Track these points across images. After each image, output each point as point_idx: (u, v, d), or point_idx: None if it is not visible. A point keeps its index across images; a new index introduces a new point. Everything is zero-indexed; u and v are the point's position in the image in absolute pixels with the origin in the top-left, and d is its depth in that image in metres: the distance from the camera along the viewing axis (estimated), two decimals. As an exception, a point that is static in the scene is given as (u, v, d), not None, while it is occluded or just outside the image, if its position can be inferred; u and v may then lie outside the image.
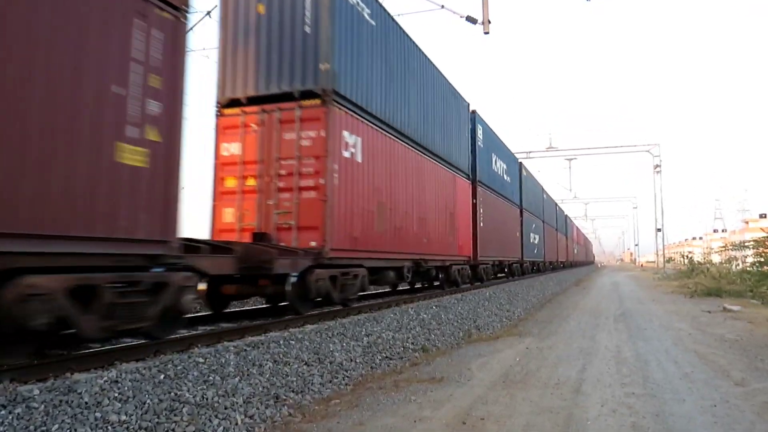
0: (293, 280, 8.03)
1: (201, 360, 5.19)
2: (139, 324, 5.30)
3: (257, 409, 4.83)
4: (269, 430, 4.57)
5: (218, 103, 9.40)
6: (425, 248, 12.98)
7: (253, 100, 9.21)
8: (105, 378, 4.29)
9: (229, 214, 9.17)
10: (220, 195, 9.29)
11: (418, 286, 15.76)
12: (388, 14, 11.40)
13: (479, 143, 18.78)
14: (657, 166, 42.76)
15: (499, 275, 22.48)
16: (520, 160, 28.27)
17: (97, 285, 4.78)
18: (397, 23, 11.85)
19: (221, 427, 4.34)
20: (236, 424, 4.49)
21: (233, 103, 9.29)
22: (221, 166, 9.31)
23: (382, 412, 5.12)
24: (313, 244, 8.62)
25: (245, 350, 5.78)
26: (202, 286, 7.65)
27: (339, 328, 7.66)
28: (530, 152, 43.47)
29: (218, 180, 9.33)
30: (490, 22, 15.47)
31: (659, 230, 44.36)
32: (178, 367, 4.89)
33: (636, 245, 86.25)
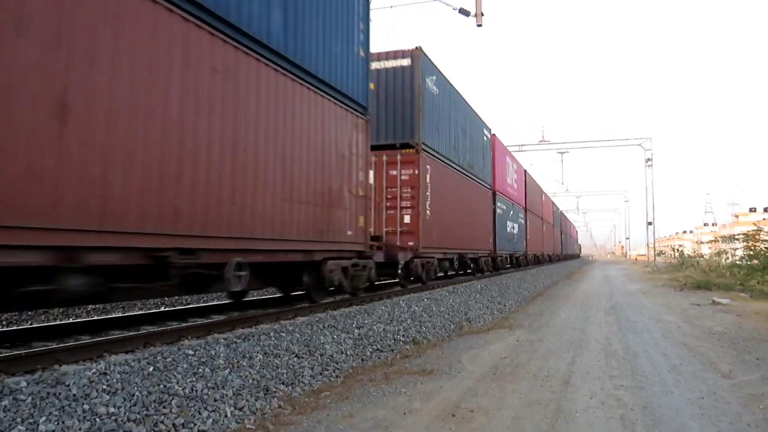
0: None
1: (191, 352, 5.18)
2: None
3: (247, 401, 4.82)
4: (259, 422, 4.56)
5: None
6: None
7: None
8: (93, 370, 4.27)
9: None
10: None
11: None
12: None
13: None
14: (648, 159, 43.01)
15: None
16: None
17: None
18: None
19: (210, 420, 4.34)
20: (226, 416, 4.49)
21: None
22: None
23: (372, 404, 5.13)
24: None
25: (235, 342, 5.78)
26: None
27: (330, 320, 7.66)
28: (523, 145, 43.70)
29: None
30: (483, 14, 15.46)
31: (650, 224, 44.68)
32: (168, 359, 4.88)
33: (627, 238, 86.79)
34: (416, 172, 12.94)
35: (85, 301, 7.10)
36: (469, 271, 20.28)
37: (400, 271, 12.71)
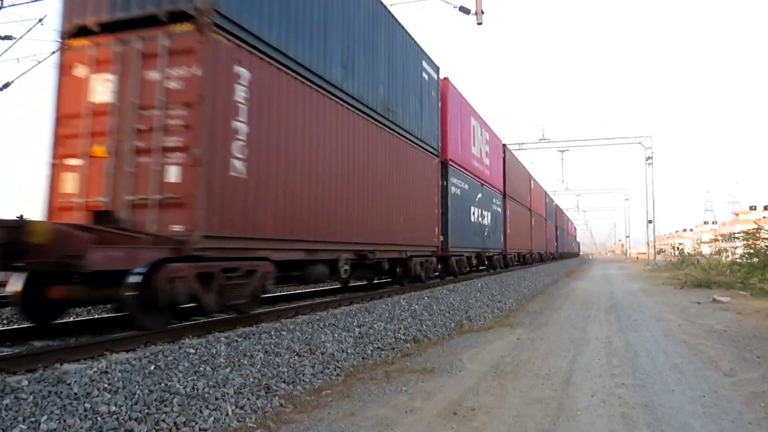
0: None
1: (192, 351, 5.17)
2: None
3: (248, 399, 4.82)
4: (260, 421, 4.56)
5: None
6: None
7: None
8: (95, 369, 4.27)
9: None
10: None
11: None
12: None
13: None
14: (649, 158, 42.96)
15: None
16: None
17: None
18: None
19: (212, 418, 4.34)
20: (227, 414, 4.49)
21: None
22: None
23: (373, 402, 5.13)
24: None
25: (236, 341, 5.77)
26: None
27: (331, 318, 7.66)
28: (523, 143, 43.56)
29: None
30: (483, 12, 15.42)
31: (650, 222, 44.63)
32: (169, 358, 4.88)
33: (627, 237, 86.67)
34: (199, 74, 6.07)
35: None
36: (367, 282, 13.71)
37: None
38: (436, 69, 14.45)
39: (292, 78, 7.58)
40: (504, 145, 24.92)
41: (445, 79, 15.47)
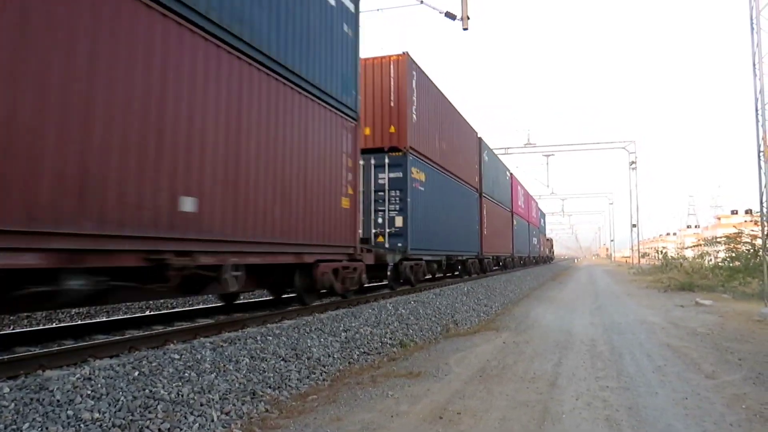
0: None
1: (176, 356, 5.14)
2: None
3: (233, 405, 4.79)
4: (246, 427, 4.54)
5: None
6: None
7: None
8: (78, 375, 4.22)
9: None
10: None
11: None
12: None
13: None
14: (632, 162, 43.46)
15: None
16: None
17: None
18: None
19: (197, 424, 4.30)
20: (212, 420, 4.45)
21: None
22: None
23: (359, 407, 5.12)
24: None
25: (222, 346, 5.74)
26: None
27: (317, 323, 7.64)
28: (509, 148, 43.83)
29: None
30: (469, 18, 15.52)
31: (634, 226, 45.11)
32: (153, 364, 4.84)
33: (612, 241, 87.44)
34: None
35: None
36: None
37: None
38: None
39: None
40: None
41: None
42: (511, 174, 32.21)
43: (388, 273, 12.93)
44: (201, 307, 9.88)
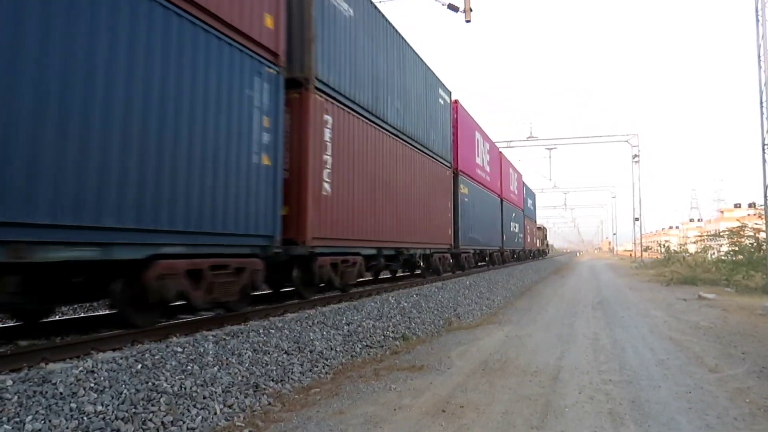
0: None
1: (179, 349, 5.14)
2: None
3: (236, 398, 4.80)
4: (248, 420, 4.54)
5: None
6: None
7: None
8: (81, 368, 4.22)
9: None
10: None
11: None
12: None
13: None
14: (635, 156, 43.33)
15: None
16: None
17: None
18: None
19: (200, 417, 4.31)
20: (215, 413, 4.46)
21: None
22: None
23: (362, 400, 5.12)
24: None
25: (224, 339, 5.74)
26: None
27: (319, 316, 7.64)
28: (511, 141, 43.69)
29: None
30: (471, 10, 15.44)
31: (637, 219, 45.03)
32: (156, 357, 4.84)
33: (614, 234, 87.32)
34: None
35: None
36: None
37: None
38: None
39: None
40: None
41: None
42: (455, 104, 18.11)
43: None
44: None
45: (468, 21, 15.63)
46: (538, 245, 47.05)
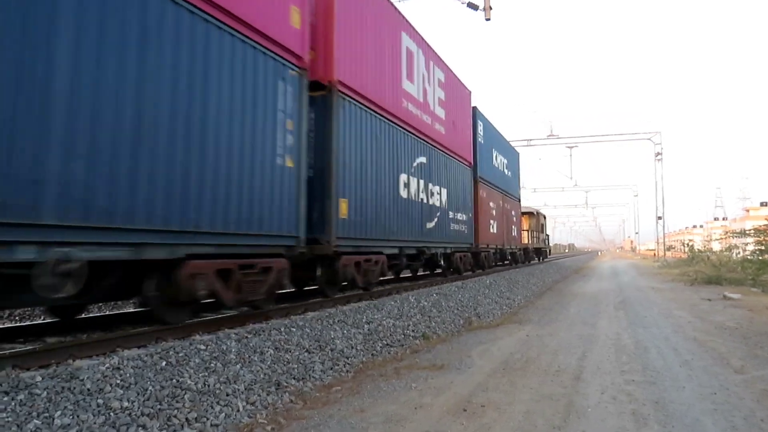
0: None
1: (202, 347, 5.20)
2: None
3: (259, 395, 4.85)
4: (271, 417, 4.59)
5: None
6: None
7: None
8: (107, 365, 4.30)
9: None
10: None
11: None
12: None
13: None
14: (658, 154, 42.68)
15: None
16: None
17: None
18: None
19: (223, 414, 4.36)
20: (238, 410, 4.51)
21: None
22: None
23: (382, 399, 5.14)
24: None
25: (246, 337, 5.80)
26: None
27: (340, 315, 7.68)
28: (531, 140, 43.32)
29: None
30: (491, 8, 15.36)
31: (660, 218, 44.38)
32: (180, 354, 4.91)
33: (636, 233, 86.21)
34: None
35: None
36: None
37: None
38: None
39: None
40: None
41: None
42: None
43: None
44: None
45: (488, 19, 15.55)
46: (526, 241, 29.20)
